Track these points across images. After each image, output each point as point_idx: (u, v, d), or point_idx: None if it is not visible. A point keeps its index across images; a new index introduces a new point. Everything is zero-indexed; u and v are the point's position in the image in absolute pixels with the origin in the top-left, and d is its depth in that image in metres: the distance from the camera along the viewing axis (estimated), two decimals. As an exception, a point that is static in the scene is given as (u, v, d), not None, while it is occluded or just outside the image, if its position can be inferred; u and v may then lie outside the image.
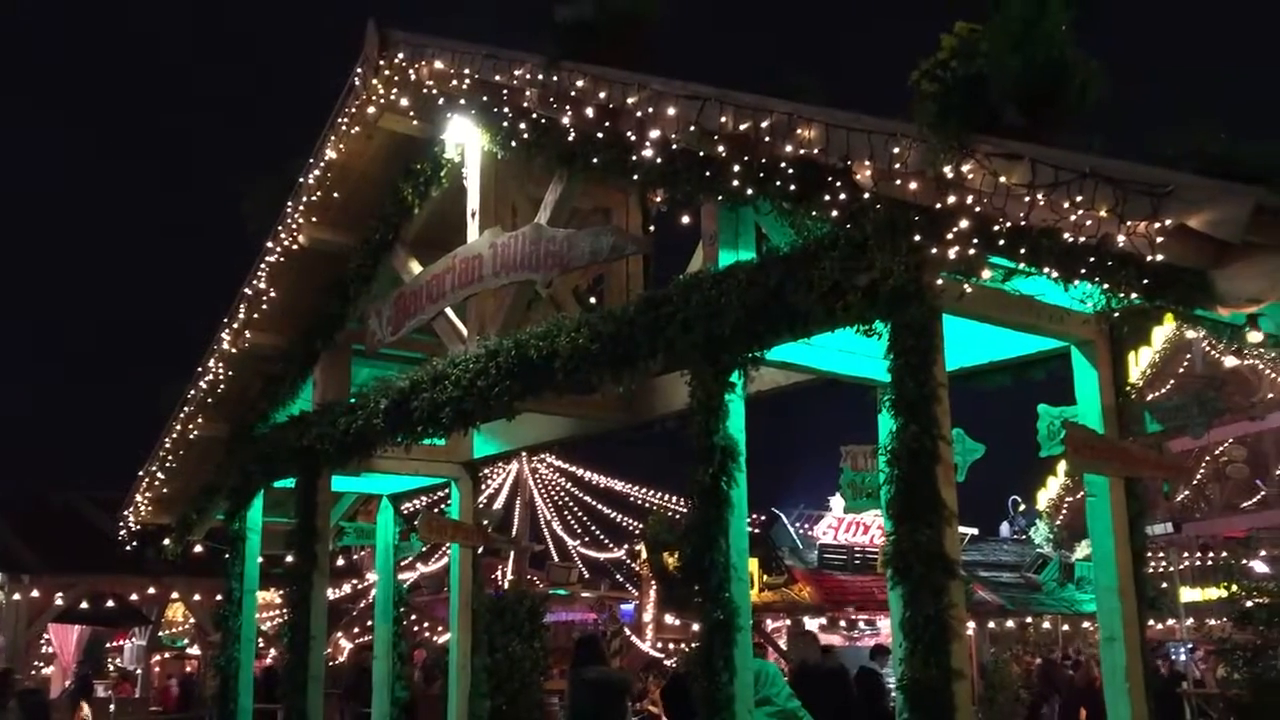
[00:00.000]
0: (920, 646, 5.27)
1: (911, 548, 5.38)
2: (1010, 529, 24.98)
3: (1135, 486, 6.42)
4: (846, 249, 5.75)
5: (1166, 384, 24.99)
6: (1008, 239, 4.97)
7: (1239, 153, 4.38)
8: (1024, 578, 22.27)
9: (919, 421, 5.45)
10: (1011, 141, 4.88)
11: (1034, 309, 6.03)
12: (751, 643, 6.56)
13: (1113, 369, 6.47)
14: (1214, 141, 4.46)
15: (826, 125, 5.47)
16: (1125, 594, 6.17)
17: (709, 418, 6.47)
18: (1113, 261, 4.67)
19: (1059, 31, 4.90)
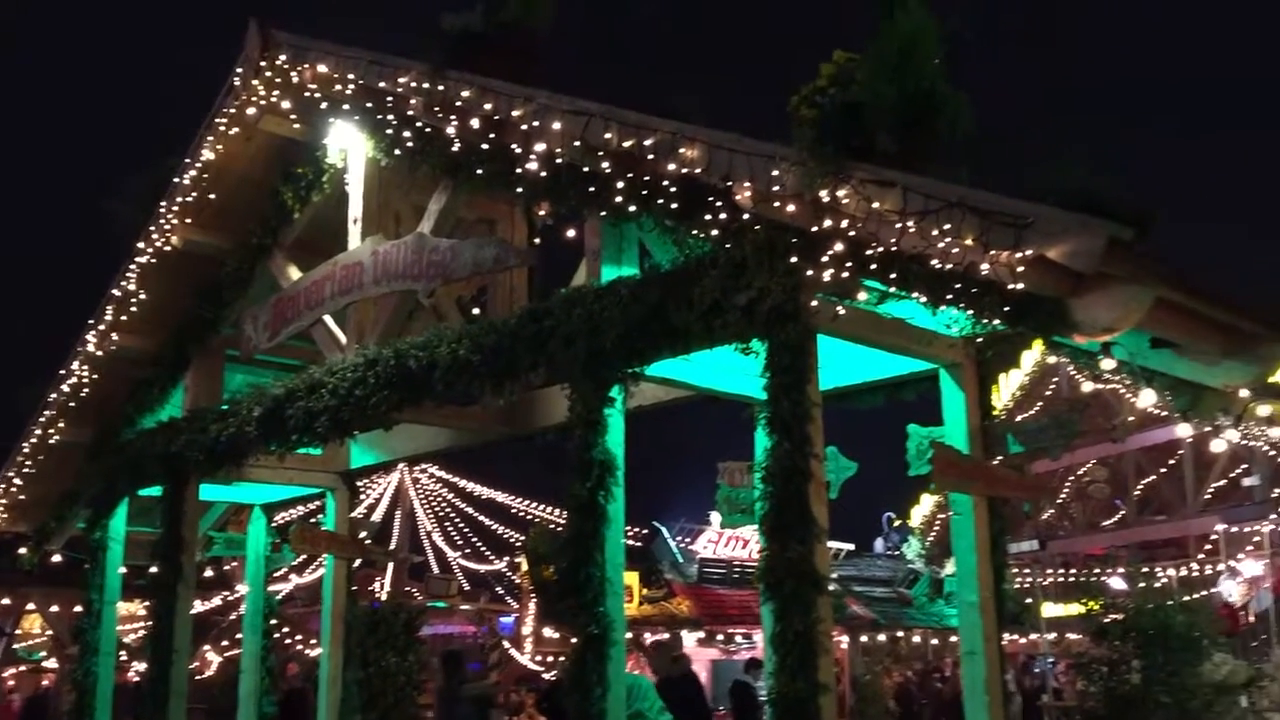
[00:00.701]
0: (789, 660, 5.37)
1: (783, 563, 5.48)
2: (884, 545, 25.57)
3: (998, 505, 6.64)
4: (726, 268, 5.84)
5: (1035, 406, 25.91)
6: (880, 263, 5.12)
7: (1095, 188, 4.58)
8: (896, 593, 22.81)
9: (792, 439, 5.56)
10: (885, 169, 5.03)
11: (905, 332, 6.20)
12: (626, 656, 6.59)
13: (979, 391, 6.68)
14: (1072, 177, 4.65)
15: (708, 145, 5.56)
16: (986, 609, 6.37)
17: (588, 432, 6.50)
18: (977, 288, 4.85)
19: (931, 65, 5.07)
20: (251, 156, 9.61)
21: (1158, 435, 23.76)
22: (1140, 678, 10.21)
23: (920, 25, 4.96)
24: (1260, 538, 22.95)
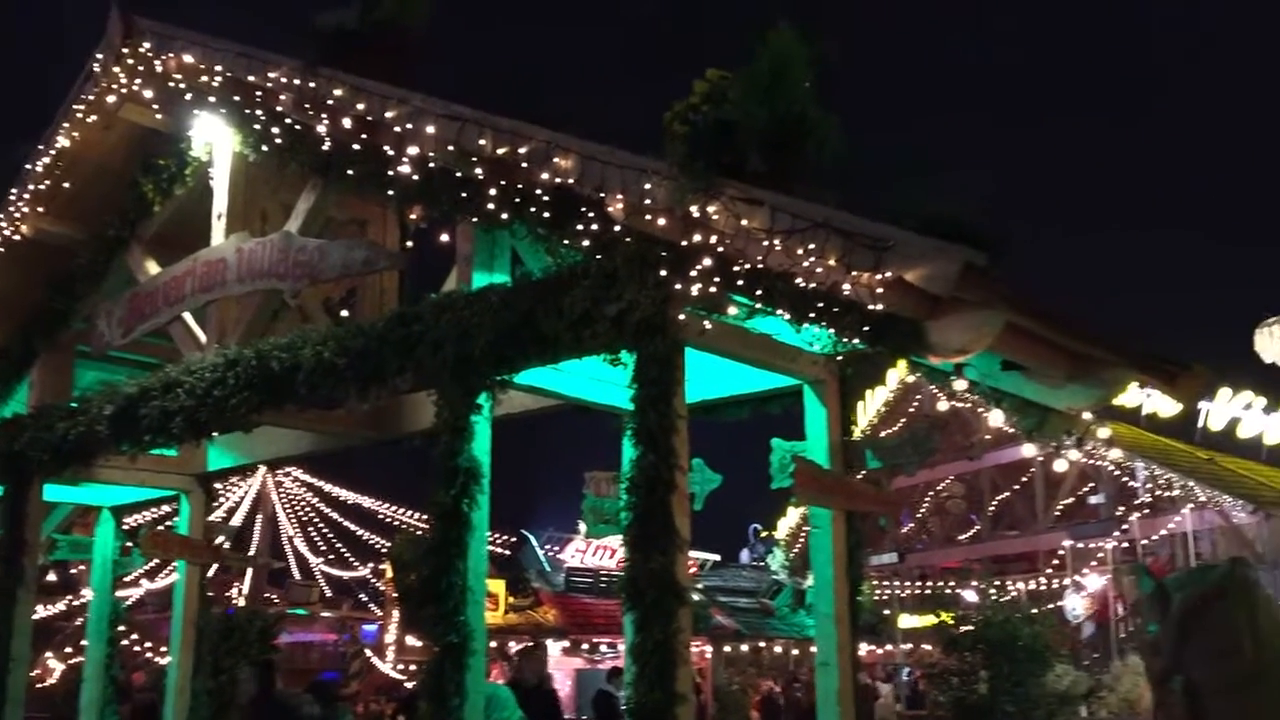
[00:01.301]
0: (648, 670, 5.40)
1: (645, 574, 5.52)
2: (750, 556, 25.95)
3: (856, 519, 6.81)
4: (597, 279, 5.86)
5: (898, 423, 26.64)
6: (747, 280, 5.22)
7: (952, 215, 4.76)
8: (760, 603, 23.17)
9: (658, 451, 5.60)
10: (754, 188, 5.12)
11: (771, 348, 6.32)
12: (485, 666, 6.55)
13: (840, 408, 6.85)
14: (931, 202, 4.82)
15: (581, 156, 5.59)
16: (841, 621, 6.53)
17: (454, 438, 6.44)
18: (839, 307, 4.98)
19: (802, 88, 5.19)
20: (110, 145, 9.26)
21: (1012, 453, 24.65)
22: (988, 688, 10.60)
23: (791, 48, 5.08)
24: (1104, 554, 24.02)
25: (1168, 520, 22.17)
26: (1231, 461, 22.88)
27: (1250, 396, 20.83)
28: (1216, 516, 21.31)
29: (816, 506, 6.67)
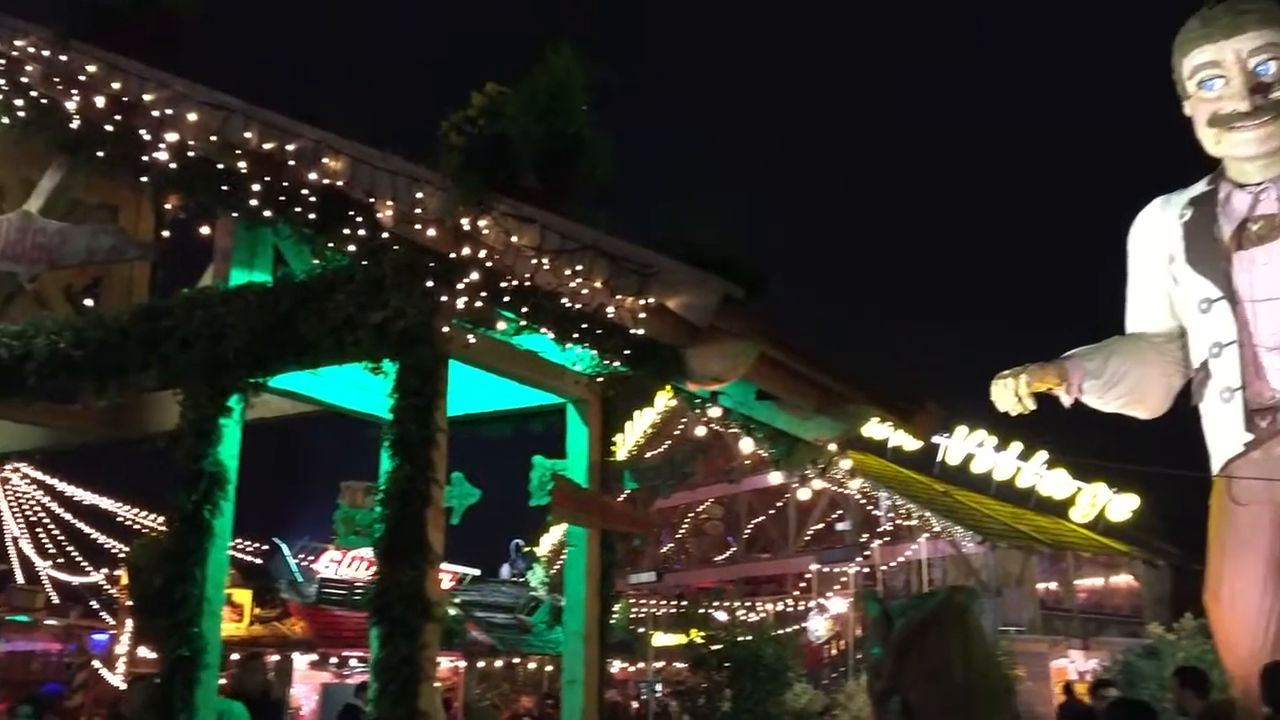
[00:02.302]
0: (391, 687, 5.30)
1: (393, 587, 5.42)
2: (510, 571, 25.85)
3: (612, 539, 6.91)
4: (363, 285, 5.74)
5: (664, 444, 27.26)
6: (514, 296, 5.23)
7: (714, 246, 4.93)
8: (517, 619, 23.08)
9: (415, 463, 5.53)
10: (526, 205, 5.15)
11: (536, 365, 6.35)
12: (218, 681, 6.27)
13: (602, 428, 6.94)
14: (696, 233, 4.98)
15: (353, 158, 5.47)
16: (590, 639, 6.60)
17: (199, 441, 6.15)
18: (602, 329, 5.07)
19: (579, 110, 5.26)
20: None
21: (769, 479, 25.64)
22: (731, 705, 10.95)
23: (571, 69, 5.14)
24: (847, 578, 25.27)
25: (906, 548, 23.59)
26: (964, 495, 24.55)
27: (984, 435, 22.45)
28: (948, 546, 22.82)
29: (573, 524, 6.73)
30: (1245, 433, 7.82)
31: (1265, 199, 7.99)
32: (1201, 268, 8.19)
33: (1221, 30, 7.88)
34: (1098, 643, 22.44)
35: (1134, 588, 25.58)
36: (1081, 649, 22.54)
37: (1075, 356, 8.34)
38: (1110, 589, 26.09)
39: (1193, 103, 8.20)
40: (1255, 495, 7.75)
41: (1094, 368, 8.31)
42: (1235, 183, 8.19)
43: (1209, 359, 8.11)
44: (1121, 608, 25.51)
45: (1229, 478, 7.99)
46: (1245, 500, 7.83)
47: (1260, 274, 7.86)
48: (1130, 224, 8.62)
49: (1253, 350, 7.84)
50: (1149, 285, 8.79)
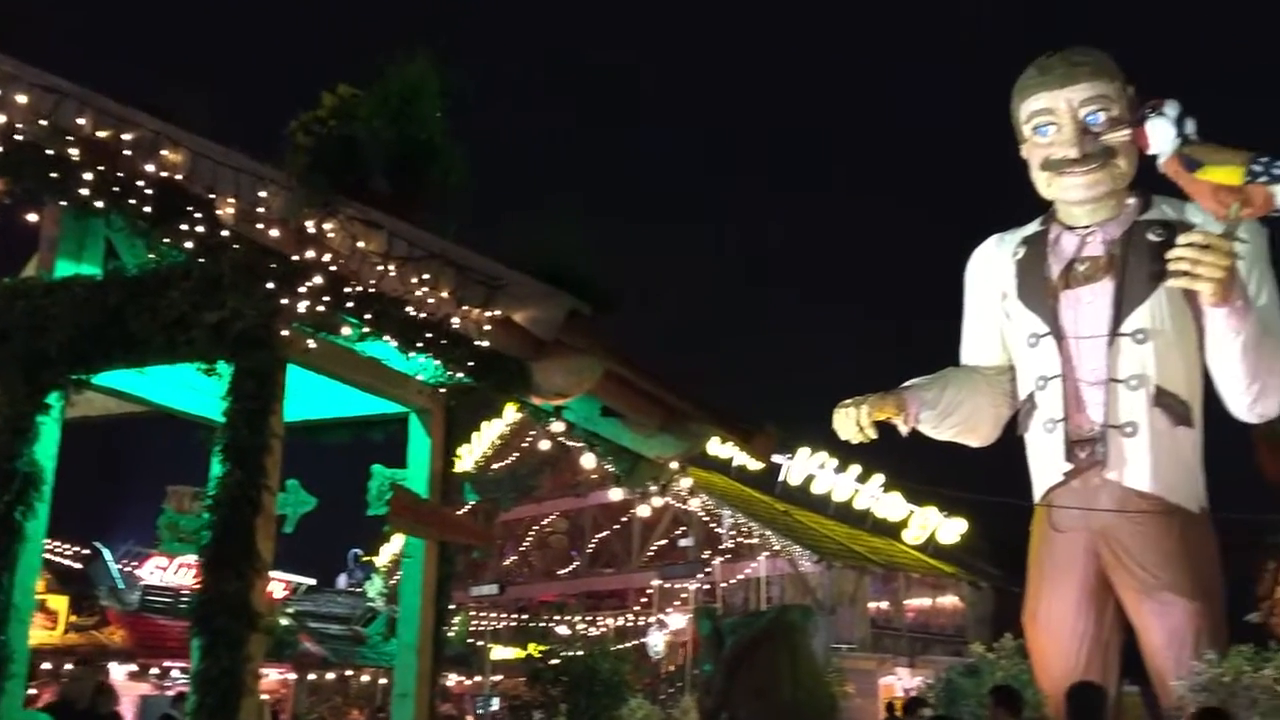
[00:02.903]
0: (210, 699, 5.11)
1: (218, 597, 5.23)
2: (348, 581, 25.28)
3: (450, 551, 6.82)
4: (199, 283, 5.53)
5: (511, 456, 27.09)
6: (358, 302, 5.13)
7: (566, 263, 4.95)
8: (352, 630, 22.59)
9: (247, 469, 5.35)
10: (375, 210, 5.07)
11: (379, 372, 6.23)
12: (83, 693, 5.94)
13: (445, 439, 6.85)
14: (546, 248, 4.99)
15: (193, 152, 5.28)
16: (423, 652, 6.49)
17: (14, 439, 5.82)
18: (447, 340, 5.02)
19: (434, 117, 5.21)
20: None
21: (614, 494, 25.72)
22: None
23: (426, 75, 5.09)
24: (688, 594, 25.52)
25: (746, 565, 23.97)
26: (804, 514, 25.12)
27: (825, 457, 23.04)
28: (787, 564, 23.31)
29: (411, 535, 6.62)
30: (1065, 462, 8.26)
31: (1092, 241, 8.47)
32: (1031, 304, 8.63)
33: (1056, 80, 8.33)
34: (923, 661, 23.22)
35: (959, 608, 26.59)
36: (908, 666, 23.30)
37: (914, 388, 8.67)
38: (937, 609, 27.06)
39: (1028, 146, 8.63)
40: (1073, 523, 8.19)
41: (930, 399, 8.65)
42: (1065, 225, 8.66)
43: (1035, 391, 8.54)
44: (947, 627, 26.49)
45: (1049, 506, 8.40)
46: (1064, 527, 8.26)
47: (1084, 312, 8.32)
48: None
49: (1075, 384, 8.28)
50: (983, 320, 9.21)
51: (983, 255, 9.31)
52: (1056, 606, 8.25)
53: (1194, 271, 6.70)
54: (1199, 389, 8.21)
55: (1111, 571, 8.05)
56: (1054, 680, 7.82)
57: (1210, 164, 6.60)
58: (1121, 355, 8.10)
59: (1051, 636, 8.27)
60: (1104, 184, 8.32)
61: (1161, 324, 8.05)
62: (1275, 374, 7.73)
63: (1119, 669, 8.25)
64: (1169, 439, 8.07)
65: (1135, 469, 8.02)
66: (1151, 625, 7.85)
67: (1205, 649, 7.34)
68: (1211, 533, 8.24)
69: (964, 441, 9.17)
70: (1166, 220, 8.19)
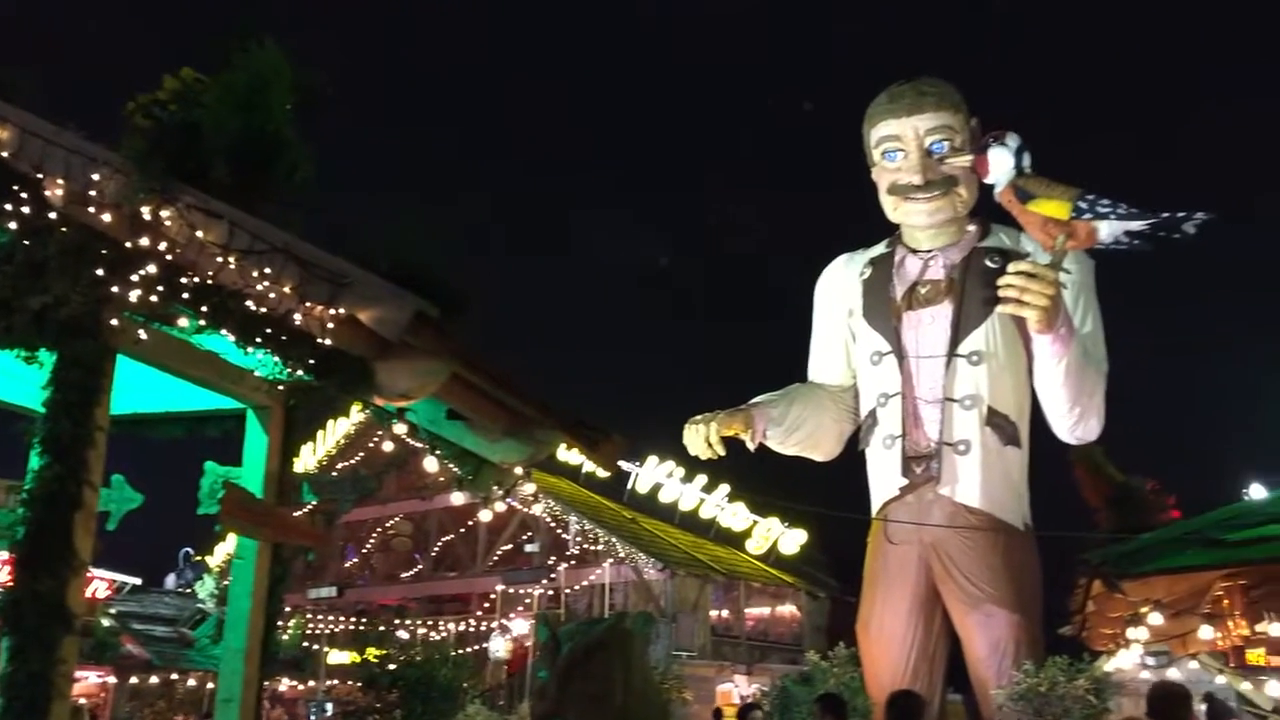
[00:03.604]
0: (17, 704, 4.85)
1: (30, 596, 4.97)
2: (177, 581, 24.34)
3: (283, 552, 6.63)
4: (22, 266, 5.23)
5: (357, 456, 26.53)
6: (194, 293, 4.94)
7: (412, 263, 4.87)
8: (179, 633, 21.74)
9: (67, 463, 5.10)
10: (215, 200, 4.89)
11: (215, 366, 6.01)
12: None
13: (283, 437, 6.66)
14: (396, 248, 4.90)
15: (21, 129, 5.00)
16: (251, 656, 6.29)
17: None
18: (288, 336, 4.87)
19: (282, 109, 5.06)
20: None
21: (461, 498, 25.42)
22: (400, 726, 10.70)
23: (276, 66, 4.94)
24: (531, 599, 25.44)
25: (591, 571, 24.03)
26: (650, 522, 25.34)
27: (672, 466, 23.30)
28: (632, 572, 23.46)
29: (243, 536, 6.41)
30: (902, 477, 8.52)
31: (934, 265, 8.78)
32: (875, 323, 8.89)
33: (904, 108, 8.61)
34: (761, 668, 23.69)
35: (797, 617, 27.23)
36: (746, 674, 23.73)
37: (761, 405, 8.83)
38: (776, 618, 27.65)
39: (877, 170, 8.91)
40: (907, 536, 8.45)
41: (777, 415, 8.84)
42: (909, 248, 8.96)
43: (876, 408, 8.79)
44: (785, 635, 27.09)
45: (885, 520, 8.66)
46: (898, 540, 8.52)
47: (925, 333, 8.61)
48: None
49: (914, 402, 8.56)
50: (830, 337, 9.45)
51: (831, 274, 9.56)
52: (888, 617, 8.50)
53: (1021, 299, 6.99)
54: (1027, 411, 8.57)
55: (941, 583, 8.33)
56: (883, 688, 8.06)
57: (1041, 197, 6.90)
58: (957, 376, 8.40)
59: (882, 645, 8.51)
60: (945, 211, 8.64)
61: (995, 347, 8.38)
62: (1095, 399, 8.14)
63: (944, 678, 8.54)
64: (998, 458, 8.40)
65: (966, 485, 8.32)
66: (975, 636, 8.14)
67: (1024, 659, 7.65)
68: (1034, 549, 8.60)
69: (808, 456, 9.38)
70: (1003, 248, 8.55)
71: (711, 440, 8.34)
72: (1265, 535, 8.90)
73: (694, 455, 8.48)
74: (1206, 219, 6.49)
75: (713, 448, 8.37)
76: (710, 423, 8.39)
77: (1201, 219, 6.50)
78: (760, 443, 8.81)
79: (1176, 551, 9.16)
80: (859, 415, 9.14)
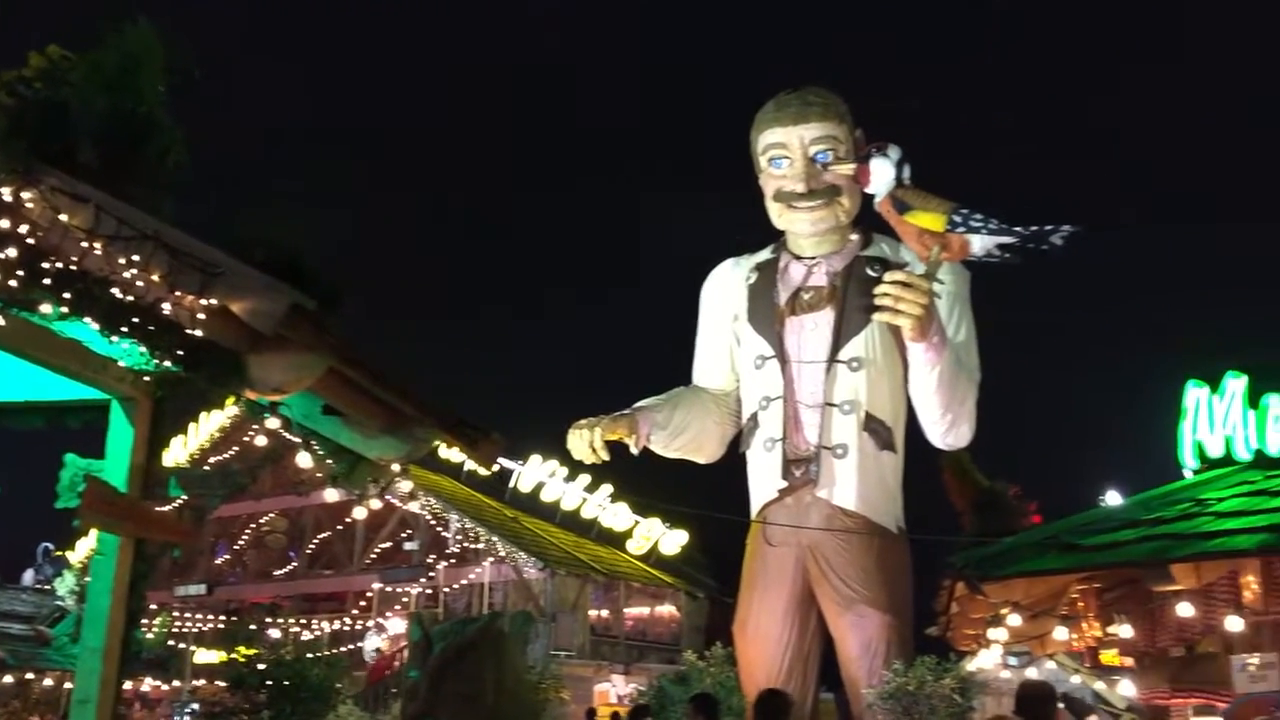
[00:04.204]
0: None
1: None
2: (35, 577, 23.33)
3: (146, 548, 6.40)
4: None
5: (231, 450, 25.86)
6: (56, 279, 4.74)
7: (292, 255, 4.75)
8: (36, 630, 20.83)
9: (-87, 453, 4.85)
10: (82, 183, 4.70)
11: (79, 355, 5.75)
12: None
13: (150, 430, 6.42)
14: (271, 238, 4.77)
15: None
16: (110, 656, 6.04)
17: None
18: (156, 326, 4.71)
19: (153, 91, 4.89)
20: None
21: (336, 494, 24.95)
22: (269, 727, 10.44)
23: (148, 45, 4.77)
24: (409, 598, 25.13)
25: (471, 570, 23.85)
26: (532, 521, 25.26)
27: (555, 465, 23.26)
28: (512, 571, 23.35)
29: (105, 531, 6.17)
30: (781, 480, 8.67)
31: (817, 272, 8.94)
32: (759, 328, 9.02)
33: (790, 117, 8.76)
34: (639, 668, 23.80)
35: (676, 617, 27.42)
36: (624, 674, 23.81)
37: (646, 409, 8.89)
38: (655, 617, 27.82)
39: (764, 177, 9.04)
40: (785, 538, 8.59)
41: (661, 419, 8.91)
42: (794, 254, 9.11)
43: (758, 411, 8.92)
44: (663, 635, 27.26)
45: (764, 523, 8.79)
46: (776, 542, 8.66)
47: (807, 338, 8.77)
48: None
49: (795, 406, 8.71)
50: (715, 341, 9.55)
51: (718, 278, 9.66)
52: (764, 617, 8.63)
53: (895, 307, 7.15)
54: (903, 417, 8.80)
55: (816, 585, 8.49)
56: (758, 687, 8.18)
57: (917, 209, 7.07)
58: (837, 381, 8.57)
59: (758, 646, 8.63)
60: (828, 220, 8.81)
61: (874, 354, 8.57)
62: (967, 405, 8.39)
63: (818, 677, 8.71)
64: (874, 462, 8.60)
65: (843, 489, 8.50)
66: (848, 636, 8.32)
67: (895, 659, 7.85)
68: (906, 551, 8.83)
69: (691, 458, 9.48)
70: (884, 258, 8.75)
71: (596, 445, 8.37)
72: (1118, 540, 9.29)
73: (577, 459, 8.50)
74: (1073, 231, 6.72)
75: (597, 453, 8.39)
76: (595, 428, 8.41)
77: (1068, 231, 6.73)
78: (644, 446, 8.86)
79: (1035, 556, 9.50)
80: (741, 418, 9.26)
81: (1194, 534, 8.84)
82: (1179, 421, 12.06)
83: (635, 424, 8.69)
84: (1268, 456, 11.34)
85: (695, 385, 9.61)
